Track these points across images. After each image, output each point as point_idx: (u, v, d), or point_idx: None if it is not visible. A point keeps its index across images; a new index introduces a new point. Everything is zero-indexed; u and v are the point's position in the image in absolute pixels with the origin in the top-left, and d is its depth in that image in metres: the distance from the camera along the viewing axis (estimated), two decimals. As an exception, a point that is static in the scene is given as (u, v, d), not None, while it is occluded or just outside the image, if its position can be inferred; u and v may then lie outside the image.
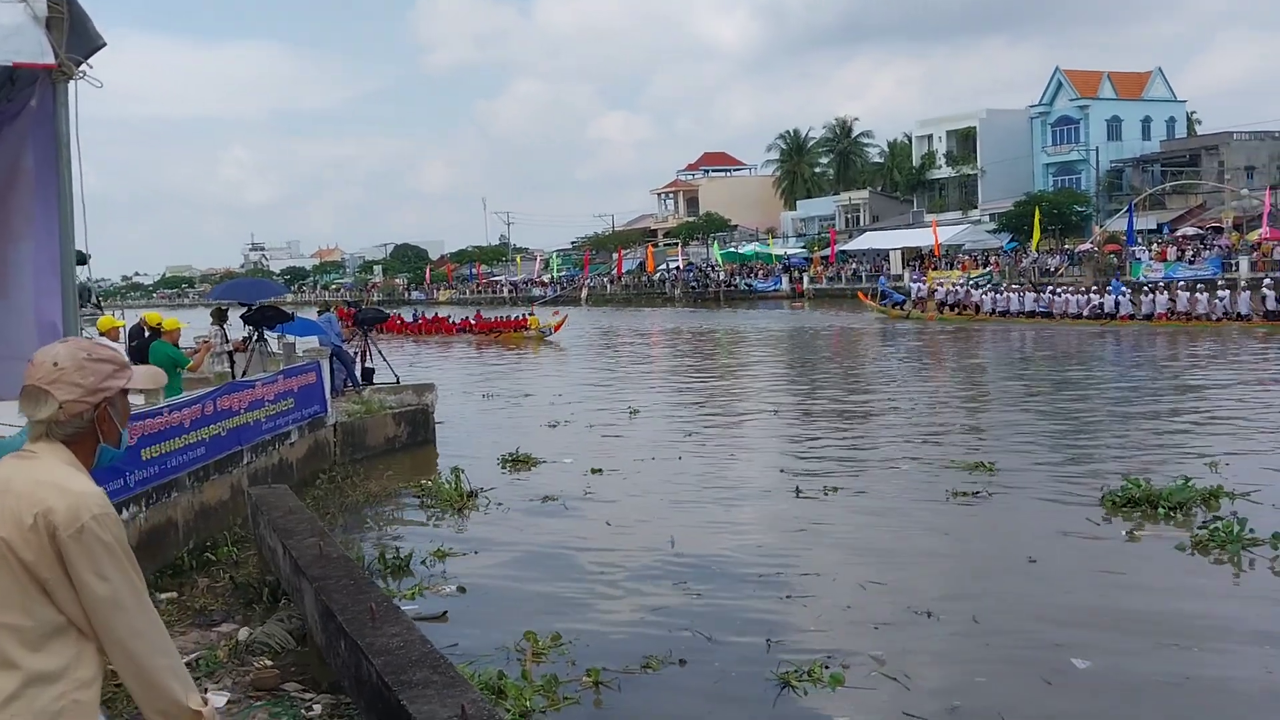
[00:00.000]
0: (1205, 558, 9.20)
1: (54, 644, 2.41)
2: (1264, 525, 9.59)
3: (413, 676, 5.06)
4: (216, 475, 11.09)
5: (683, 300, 72.50)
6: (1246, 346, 29.55)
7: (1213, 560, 9.12)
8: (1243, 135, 70.47)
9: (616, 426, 18.23)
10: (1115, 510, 10.78)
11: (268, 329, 16.58)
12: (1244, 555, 9.11)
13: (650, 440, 16.50)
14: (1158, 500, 10.60)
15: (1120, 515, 10.62)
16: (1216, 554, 9.20)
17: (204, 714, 2.47)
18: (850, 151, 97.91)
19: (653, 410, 20.26)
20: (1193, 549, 9.39)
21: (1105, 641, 7.42)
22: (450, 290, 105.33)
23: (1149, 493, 10.78)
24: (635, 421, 18.74)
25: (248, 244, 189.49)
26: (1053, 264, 57.78)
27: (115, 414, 2.64)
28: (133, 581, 2.44)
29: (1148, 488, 10.92)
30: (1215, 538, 9.40)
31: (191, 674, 6.59)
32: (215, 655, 7.13)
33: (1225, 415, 17.13)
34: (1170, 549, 9.50)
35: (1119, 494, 11.00)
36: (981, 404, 20.14)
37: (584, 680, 6.89)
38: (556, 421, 18.83)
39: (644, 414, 19.57)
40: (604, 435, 17.28)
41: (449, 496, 12.47)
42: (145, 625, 2.43)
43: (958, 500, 11.67)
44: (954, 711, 6.36)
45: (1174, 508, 10.45)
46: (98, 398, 2.57)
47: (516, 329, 45.20)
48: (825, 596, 8.63)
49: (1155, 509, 10.52)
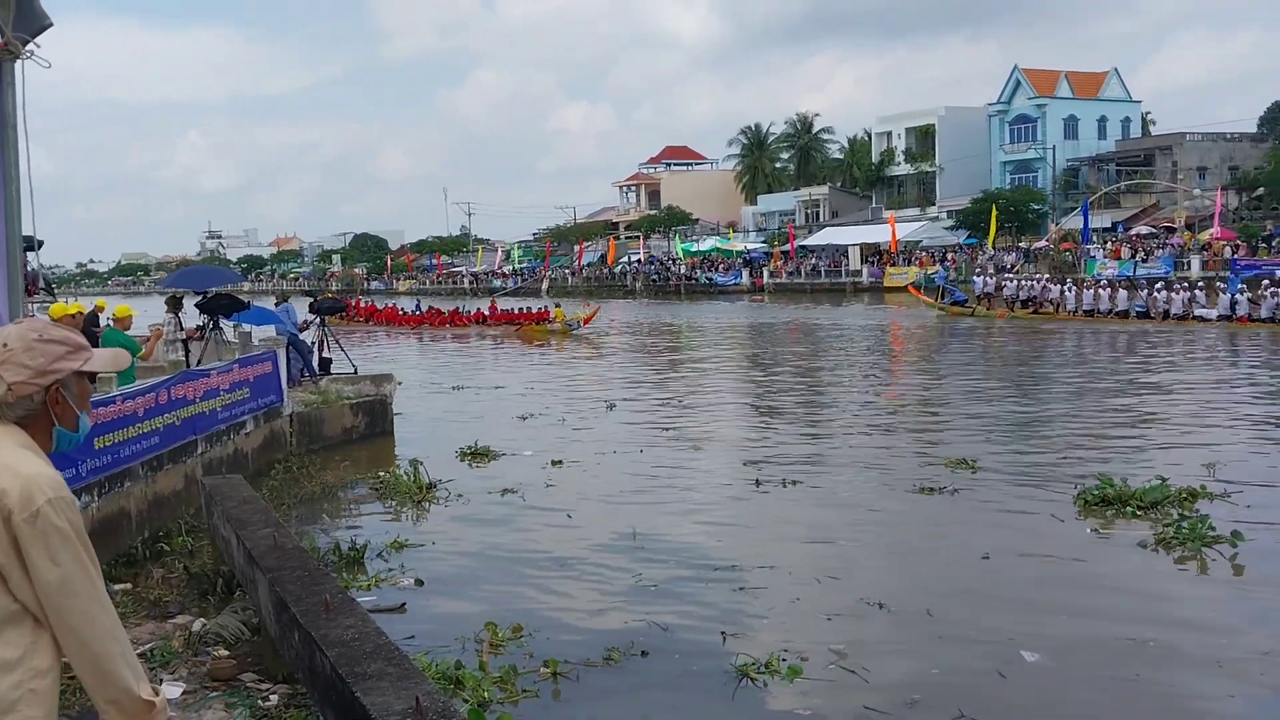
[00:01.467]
0: (1168, 555, 9.25)
1: (9, 632, 2.36)
2: (1233, 525, 9.63)
3: (367, 668, 5.02)
4: (170, 465, 10.96)
5: (644, 293, 72.51)
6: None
7: (1174, 558, 9.18)
8: (1195, 136, 71.63)
9: (591, 420, 18.02)
10: (1088, 509, 10.77)
11: (223, 317, 16.38)
12: (1205, 553, 9.14)
13: (624, 434, 16.34)
14: (1129, 499, 10.60)
15: (1092, 514, 10.60)
16: (1179, 551, 9.26)
17: (155, 704, 2.42)
18: (811, 147, 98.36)
19: (632, 404, 19.93)
20: (1156, 546, 9.44)
21: (1059, 635, 7.51)
22: (410, 280, 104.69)
23: (1121, 492, 10.76)
24: (611, 416, 18.47)
25: (205, 232, 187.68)
26: (1009, 261, 58.40)
27: (70, 397, 2.58)
28: (87, 568, 2.39)
29: (1122, 487, 10.88)
30: (1179, 535, 9.44)
31: (146, 665, 6.57)
32: (170, 646, 7.06)
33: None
34: (1132, 546, 9.56)
35: (1093, 492, 10.99)
36: (994, 401, 19.27)
37: (542, 672, 6.90)
38: (528, 414, 18.65)
39: (622, 408, 19.28)
40: (575, 429, 17.10)
41: (407, 488, 12.40)
42: (98, 613, 2.38)
43: (924, 495, 11.68)
44: (913, 705, 6.40)
45: (1146, 507, 10.43)
46: (48, 379, 2.51)
47: (539, 321, 41.65)
48: (781, 589, 8.68)
49: (1125, 507, 10.51)
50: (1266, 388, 20.27)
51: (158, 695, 2.43)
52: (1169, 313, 35.38)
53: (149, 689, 2.41)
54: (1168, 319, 35.10)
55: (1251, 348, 27.65)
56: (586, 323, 40.86)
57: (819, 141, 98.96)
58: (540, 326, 40.94)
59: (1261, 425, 15.93)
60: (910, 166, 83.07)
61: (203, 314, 16.27)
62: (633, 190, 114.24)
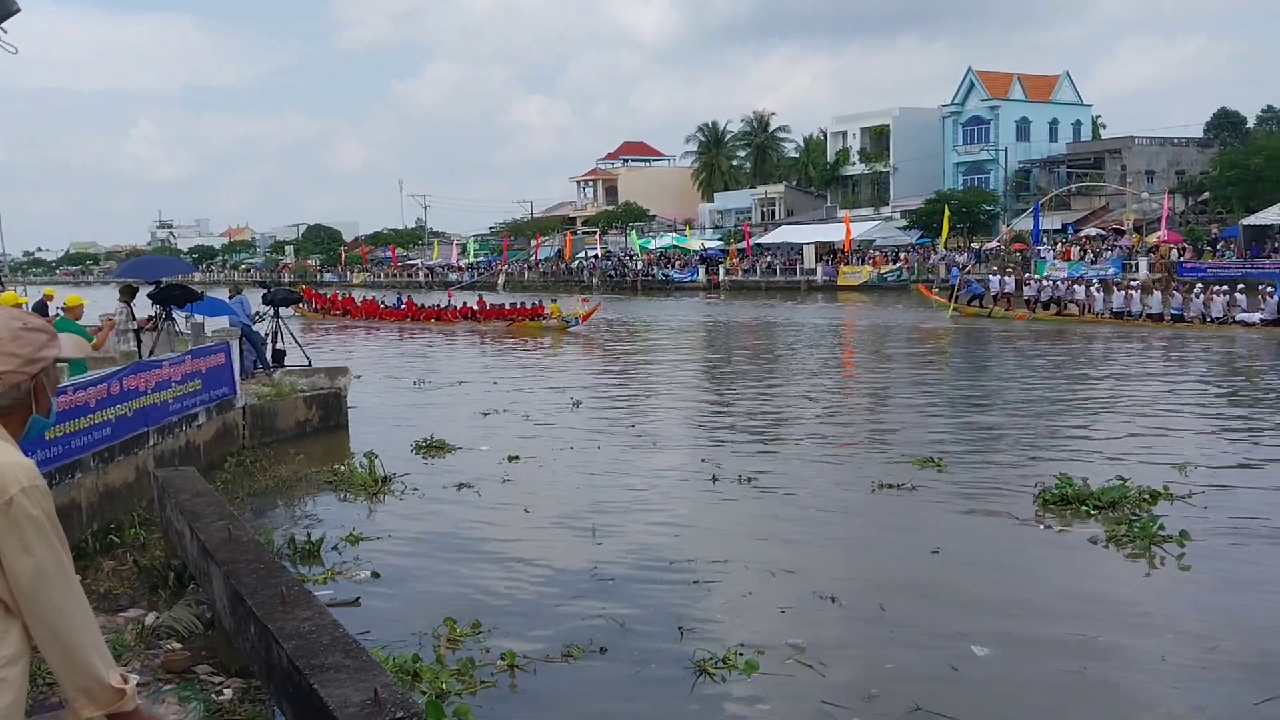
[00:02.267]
0: (1119, 552, 9.41)
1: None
2: (1193, 526, 9.82)
3: (324, 660, 5.01)
4: (121, 456, 10.83)
5: (600, 289, 72.49)
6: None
7: (1124, 555, 9.35)
8: (1144, 140, 72.84)
9: (555, 416, 17.82)
10: (1046, 508, 10.82)
11: (176, 308, 16.19)
12: (1155, 551, 9.29)
13: (585, 431, 16.24)
14: (1086, 499, 10.72)
15: (1051, 513, 10.69)
16: (1130, 549, 9.41)
17: (125, 691, 2.44)
18: (767, 146, 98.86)
19: (598, 401, 19.72)
20: (1107, 544, 9.60)
21: (1008, 630, 7.64)
22: (365, 273, 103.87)
23: (1080, 491, 10.87)
24: (575, 413, 18.26)
25: (155, 221, 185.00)
26: (960, 261, 59.06)
27: (48, 383, 2.61)
28: (60, 557, 2.40)
29: (1080, 487, 10.96)
30: (1130, 533, 9.61)
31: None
32: (122, 639, 7.00)
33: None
34: (1083, 543, 9.71)
35: (1052, 491, 11.05)
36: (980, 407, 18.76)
37: (498, 665, 6.92)
38: (490, 410, 18.49)
39: (589, 405, 19.07)
40: (538, 424, 16.93)
41: (362, 482, 12.35)
42: (71, 602, 2.39)
43: (883, 492, 11.75)
44: (870, 699, 6.48)
45: (1103, 506, 10.53)
46: (35, 367, 2.54)
47: (532, 317, 39.38)
48: (736, 584, 8.75)
49: (1081, 507, 10.61)
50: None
51: (127, 683, 2.44)
52: (1207, 316, 32.99)
53: (118, 676, 2.43)
54: (1206, 323, 32.63)
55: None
56: (586, 319, 38.77)
57: (775, 140, 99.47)
58: (535, 323, 38.99)
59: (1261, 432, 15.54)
60: (865, 166, 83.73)
61: (155, 304, 16.07)
62: (590, 185, 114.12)
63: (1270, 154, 56.29)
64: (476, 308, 42.13)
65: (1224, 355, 26.47)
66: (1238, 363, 25.18)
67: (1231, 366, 24.58)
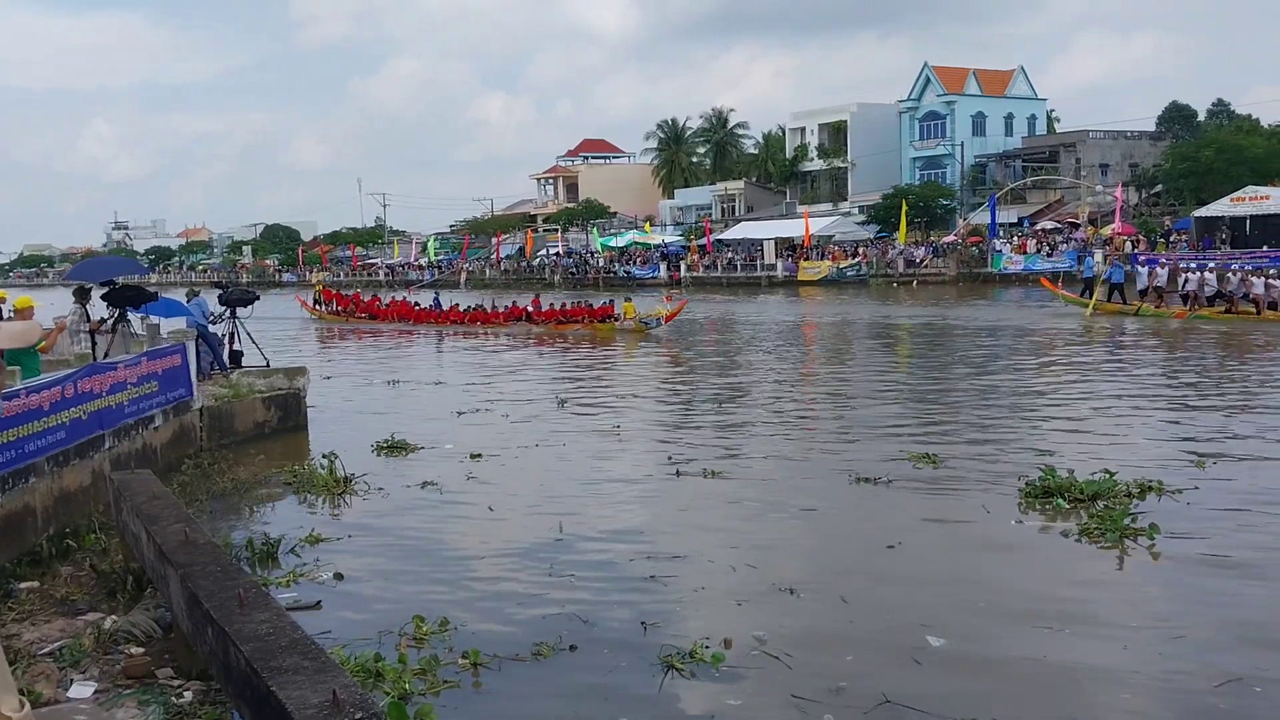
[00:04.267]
0: (1091, 545, 9.40)
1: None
2: (1173, 520, 9.82)
3: (283, 662, 4.99)
4: (77, 460, 10.68)
5: (562, 285, 72.36)
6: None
7: (1097, 548, 9.34)
8: (1098, 134, 73.83)
9: (537, 416, 17.45)
10: (1031, 501, 10.68)
11: (131, 309, 16.01)
12: (1128, 544, 9.29)
13: (564, 429, 16.05)
14: (1067, 491, 10.59)
15: (1033, 506, 10.58)
16: (1101, 542, 9.40)
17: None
18: (726, 142, 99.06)
19: (583, 401, 19.30)
20: (1079, 536, 9.59)
21: (969, 622, 7.71)
22: (324, 273, 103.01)
23: (1062, 484, 10.75)
24: (557, 413, 17.83)
25: (111, 222, 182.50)
26: (918, 255, 59.54)
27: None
28: None
29: (1067, 479, 10.84)
30: (1102, 525, 9.60)
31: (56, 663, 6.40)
32: (81, 644, 6.93)
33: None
34: (1056, 536, 9.71)
35: (1035, 484, 10.94)
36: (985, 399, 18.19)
37: (461, 663, 6.91)
38: (464, 410, 18.30)
39: (574, 404, 18.73)
40: (514, 423, 16.69)
41: (323, 483, 12.26)
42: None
43: (860, 486, 11.71)
44: (839, 692, 6.50)
45: (1085, 499, 10.38)
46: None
47: (601, 318, 34.22)
48: (700, 577, 8.78)
49: (1058, 499, 10.51)
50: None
51: (22, 709, 2.31)
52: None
53: (12, 702, 2.30)
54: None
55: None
56: (670, 319, 33.48)
57: (734, 137, 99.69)
58: (605, 325, 33.90)
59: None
60: (823, 162, 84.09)
61: (110, 306, 15.88)
62: (550, 183, 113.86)
63: (1220, 147, 57.22)
64: (531, 309, 37.00)
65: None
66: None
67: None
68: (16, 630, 7.32)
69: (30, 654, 6.82)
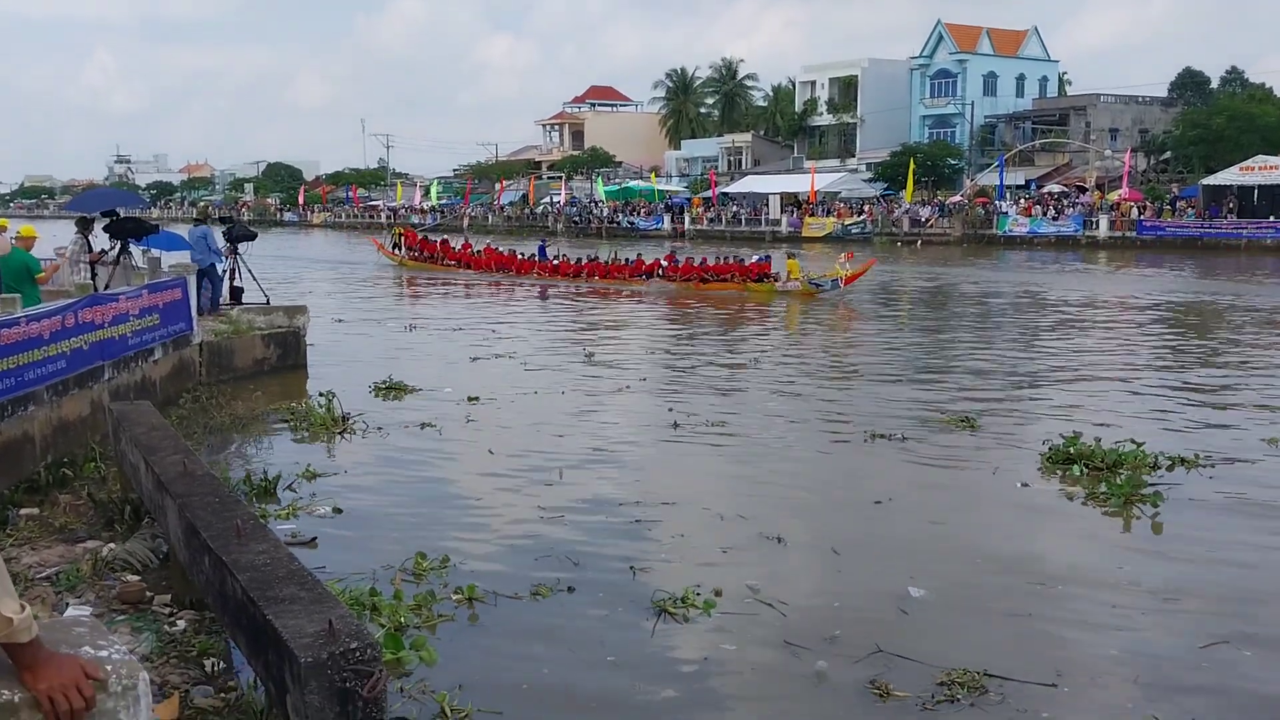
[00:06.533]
0: (1096, 510, 9.34)
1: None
2: (1203, 492, 9.69)
3: (279, 592, 5.02)
4: (76, 390, 10.70)
5: (565, 234, 72.16)
6: None
7: (1101, 513, 9.28)
8: (1109, 98, 73.21)
9: (559, 366, 17.15)
10: (1052, 466, 10.53)
11: (133, 241, 15.96)
12: (1133, 511, 9.19)
13: (582, 379, 15.90)
14: (1088, 458, 10.39)
15: (1054, 471, 10.41)
16: (1106, 508, 9.32)
17: (14, 620, 2.27)
18: (735, 94, 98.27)
19: (610, 353, 18.88)
20: (1085, 501, 9.54)
21: (960, 577, 7.75)
22: (325, 213, 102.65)
23: (1082, 450, 10.55)
24: (579, 365, 17.42)
25: (113, 156, 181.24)
26: (924, 214, 59.30)
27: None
28: None
29: (1085, 446, 10.63)
30: (1110, 490, 9.50)
31: (53, 588, 6.45)
32: (78, 570, 6.98)
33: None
34: (1061, 499, 9.64)
35: (1059, 450, 10.75)
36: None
37: (455, 598, 6.97)
38: (478, 356, 18.11)
39: (601, 357, 18.25)
40: (527, 371, 16.52)
41: (321, 421, 12.29)
42: None
43: (875, 443, 11.63)
44: (833, 640, 6.54)
45: (1103, 467, 10.15)
46: None
47: (757, 277, 28.92)
48: (693, 526, 8.82)
49: (1081, 466, 10.31)
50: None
51: (22, 611, 2.28)
52: None
53: (13, 606, 2.27)
54: None
55: None
56: (851, 282, 27.86)
57: (743, 88, 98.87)
58: (762, 285, 28.66)
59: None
60: (832, 117, 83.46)
61: (112, 238, 15.84)
62: (556, 129, 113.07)
63: (1232, 114, 56.82)
64: (666, 263, 31.52)
65: None
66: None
67: None
68: (15, 554, 7.38)
69: (28, 577, 6.88)
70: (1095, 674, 6.25)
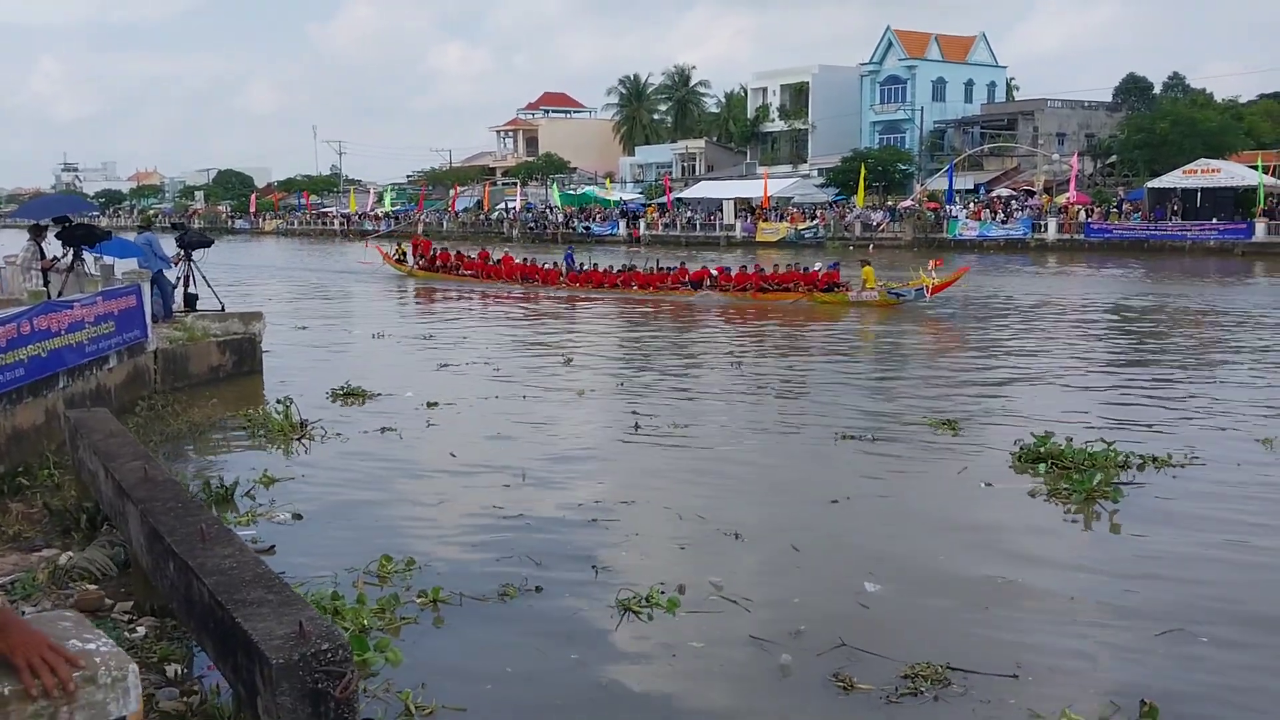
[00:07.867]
0: (1058, 506, 9.45)
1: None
2: (1167, 489, 9.87)
3: (247, 595, 5.00)
4: (31, 398, 10.54)
5: (520, 240, 71.97)
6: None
7: (1064, 509, 9.38)
8: (1055, 103, 74.35)
9: (536, 374, 16.93)
10: (1024, 466, 10.60)
11: (85, 248, 15.73)
12: (1096, 508, 9.31)
13: (552, 383, 15.84)
14: (1059, 458, 10.40)
15: (1024, 472, 10.48)
16: (1067, 504, 9.43)
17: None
18: (688, 100, 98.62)
19: (592, 359, 18.85)
20: (1048, 498, 9.65)
21: (918, 572, 7.86)
22: (277, 220, 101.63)
23: (1053, 451, 10.58)
24: (556, 372, 17.28)
25: (60, 164, 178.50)
26: (876, 219, 59.82)
27: None
28: None
29: (1055, 446, 10.67)
30: (1071, 486, 9.61)
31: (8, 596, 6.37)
32: (34, 578, 6.88)
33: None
34: (1023, 497, 9.74)
35: (1029, 449, 10.84)
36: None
37: (419, 601, 6.96)
38: (446, 364, 18.00)
39: (580, 363, 18.14)
40: (495, 377, 16.41)
41: (279, 427, 12.18)
42: None
43: (842, 443, 11.71)
44: (798, 635, 6.60)
45: (1073, 467, 10.15)
46: None
47: (825, 287, 26.11)
48: (654, 526, 8.87)
49: (1048, 465, 10.36)
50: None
51: None
52: None
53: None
54: None
55: None
56: (938, 291, 25.14)
57: (696, 95, 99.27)
58: (833, 296, 25.90)
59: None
60: (784, 123, 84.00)
61: (65, 244, 15.62)
62: (510, 136, 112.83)
63: (1175, 119, 57.86)
64: (716, 273, 28.97)
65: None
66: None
67: None
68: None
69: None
70: (1055, 664, 6.36)
